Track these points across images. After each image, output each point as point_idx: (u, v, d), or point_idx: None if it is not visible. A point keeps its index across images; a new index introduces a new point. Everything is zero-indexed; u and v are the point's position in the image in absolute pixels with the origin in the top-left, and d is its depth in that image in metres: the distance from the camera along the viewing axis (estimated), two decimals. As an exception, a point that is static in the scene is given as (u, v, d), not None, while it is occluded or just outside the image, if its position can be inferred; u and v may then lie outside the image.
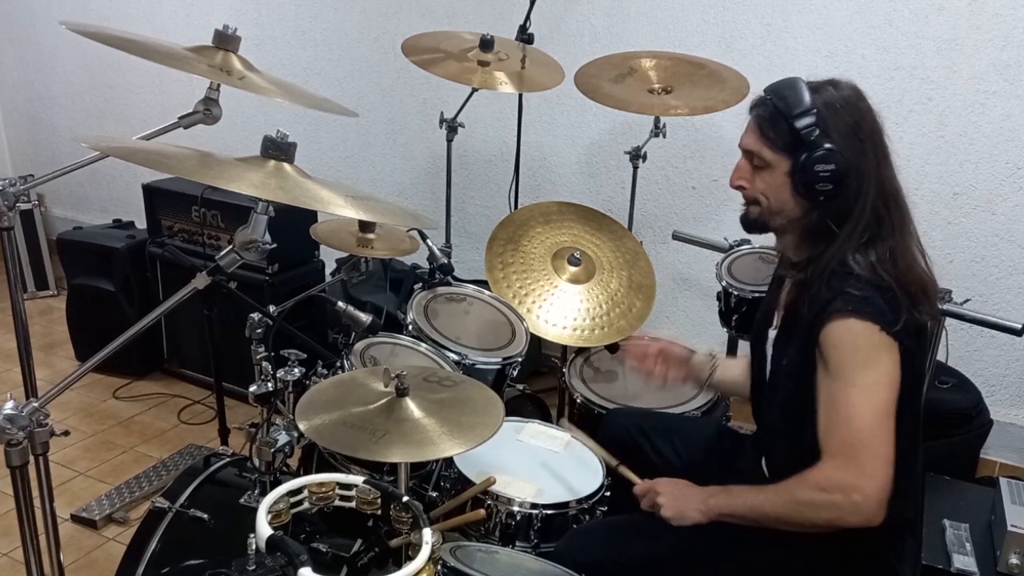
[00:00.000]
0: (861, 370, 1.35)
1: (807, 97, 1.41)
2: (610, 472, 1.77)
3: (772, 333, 1.59)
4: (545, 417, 2.43)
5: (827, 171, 1.39)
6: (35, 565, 1.37)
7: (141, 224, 3.38)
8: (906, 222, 1.45)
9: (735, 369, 1.87)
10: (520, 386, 2.45)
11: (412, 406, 1.36)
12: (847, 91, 1.44)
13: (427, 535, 1.10)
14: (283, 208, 1.31)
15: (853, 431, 1.33)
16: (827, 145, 1.39)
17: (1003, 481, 1.83)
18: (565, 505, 1.72)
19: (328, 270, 3.19)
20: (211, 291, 1.48)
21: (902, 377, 1.36)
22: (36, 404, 1.24)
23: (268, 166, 1.34)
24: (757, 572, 1.53)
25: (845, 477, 1.33)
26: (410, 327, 2.13)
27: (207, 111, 1.70)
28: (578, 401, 2.21)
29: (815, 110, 1.40)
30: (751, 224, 1.55)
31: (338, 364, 1.96)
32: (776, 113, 1.43)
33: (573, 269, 2.34)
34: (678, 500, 1.53)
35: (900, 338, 1.35)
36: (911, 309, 1.37)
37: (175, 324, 3.26)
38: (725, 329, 2.45)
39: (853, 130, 1.41)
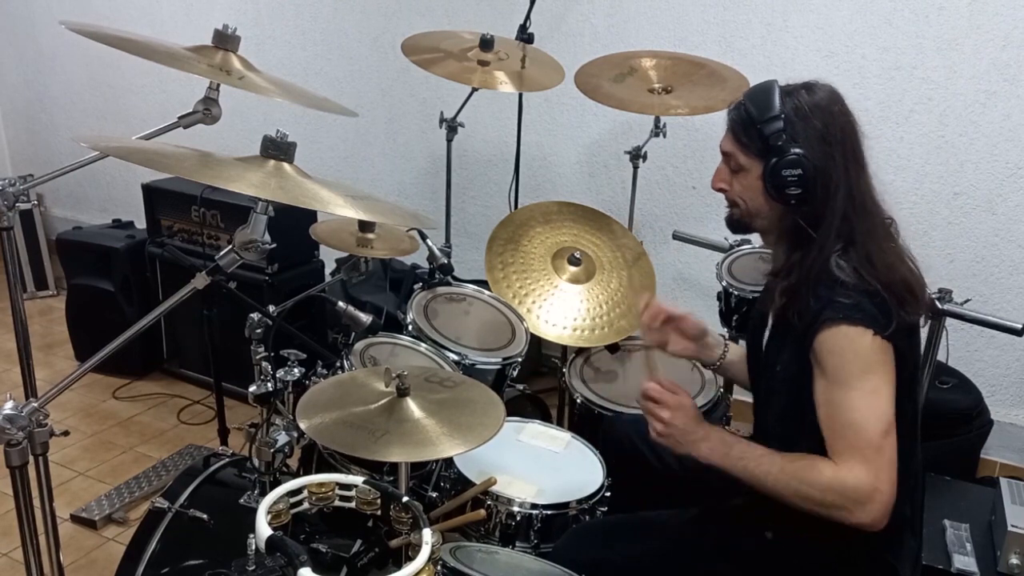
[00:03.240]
0: (860, 376, 1.34)
1: (777, 102, 1.42)
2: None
3: (767, 334, 1.58)
4: (545, 417, 2.43)
5: (794, 176, 1.40)
6: (35, 565, 1.37)
7: (141, 224, 3.38)
8: (879, 226, 1.45)
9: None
10: (520, 386, 2.44)
11: (412, 406, 1.36)
12: (820, 95, 1.44)
13: (427, 535, 1.10)
14: (283, 208, 1.31)
15: (861, 436, 1.33)
16: (794, 150, 1.40)
17: (1003, 481, 1.83)
18: (565, 505, 1.72)
19: (328, 270, 3.19)
20: (211, 291, 1.48)
21: (898, 378, 1.36)
22: (36, 404, 1.23)
23: (268, 166, 1.35)
24: (756, 572, 1.52)
25: (855, 482, 1.32)
26: (410, 327, 2.13)
27: (207, 111, 1.70)
28: (578, 401, 2.21)
29: (783, 115, 1.41)
30: (734, 225, 1.57)
31: (338, 364, 1.96)
32: (748, 118, 1.45)
33: (573, 269, 2.34)
34: (675, 432, 1.48)
35: (893, 340, 1.35)
36: (899, 310, 1.37)
37: (175, 324, 3.26)
38: (725, 329, 2.45)
39: (821, 135, 1.41)
